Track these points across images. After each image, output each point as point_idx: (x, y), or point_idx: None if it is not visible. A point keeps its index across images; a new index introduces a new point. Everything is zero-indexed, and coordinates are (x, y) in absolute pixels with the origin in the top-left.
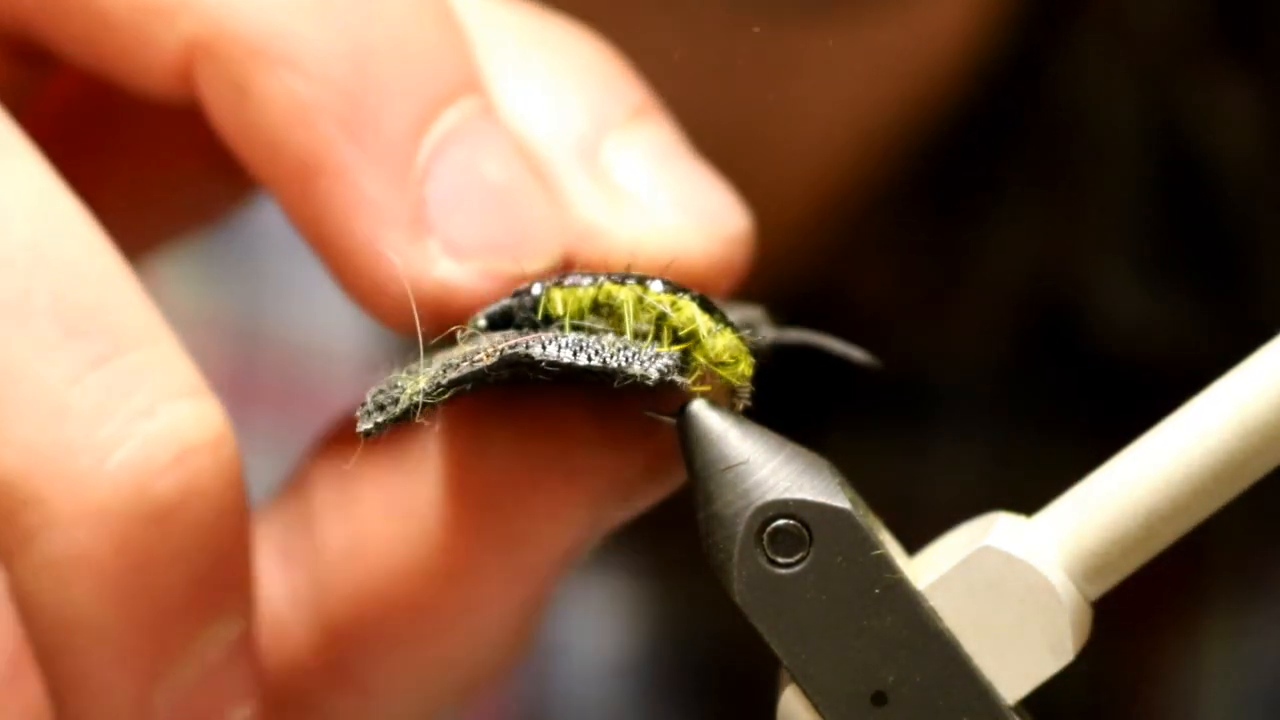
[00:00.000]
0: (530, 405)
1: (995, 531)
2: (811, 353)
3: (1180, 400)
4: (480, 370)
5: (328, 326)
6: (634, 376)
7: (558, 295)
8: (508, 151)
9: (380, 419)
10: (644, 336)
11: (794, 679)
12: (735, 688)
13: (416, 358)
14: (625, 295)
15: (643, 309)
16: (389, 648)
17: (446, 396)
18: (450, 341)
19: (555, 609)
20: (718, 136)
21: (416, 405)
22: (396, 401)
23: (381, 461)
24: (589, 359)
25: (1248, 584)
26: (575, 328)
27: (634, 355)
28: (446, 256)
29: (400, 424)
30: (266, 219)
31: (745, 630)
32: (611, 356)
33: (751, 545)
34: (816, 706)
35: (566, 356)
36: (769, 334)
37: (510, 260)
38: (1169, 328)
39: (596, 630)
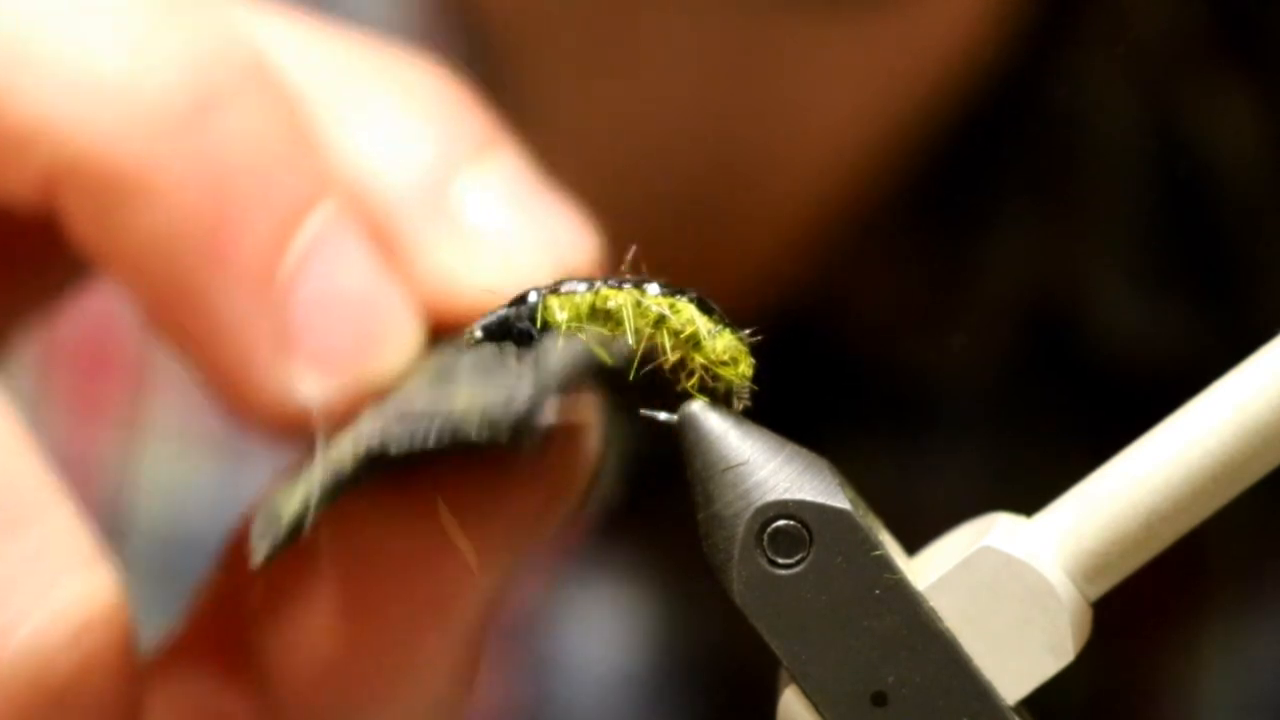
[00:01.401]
0: (416, 478)
1: (995, 532)
2: (810, 363)
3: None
4: (344, 473)
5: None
6: (476, 442)
7: (554, 302)
8: (362, 257)
9: (267, 548)
10: (641, 337)
11: (794, 679)
12: (735, 695)
13: (288, 475)
14: (623, 299)
15: (641, 312)
16: None
17: (317, 506)
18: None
19: (555, 617)
20: (716, 144)
21: (298, 524)
22: (279, 526)
23: (291, 579)
24: (426, 439)
25: (1247, 585)
26: (435, 382)
27: (485, 417)
28: (311, 374)
29: (288, 545)
30: None
31: (744, 637)
32: (460, 426)
33: (751, 546)
34: (816, 706)
35: (409, 441)
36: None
37: (372, 366)
38: (1167, 337)
39: (595, 638)
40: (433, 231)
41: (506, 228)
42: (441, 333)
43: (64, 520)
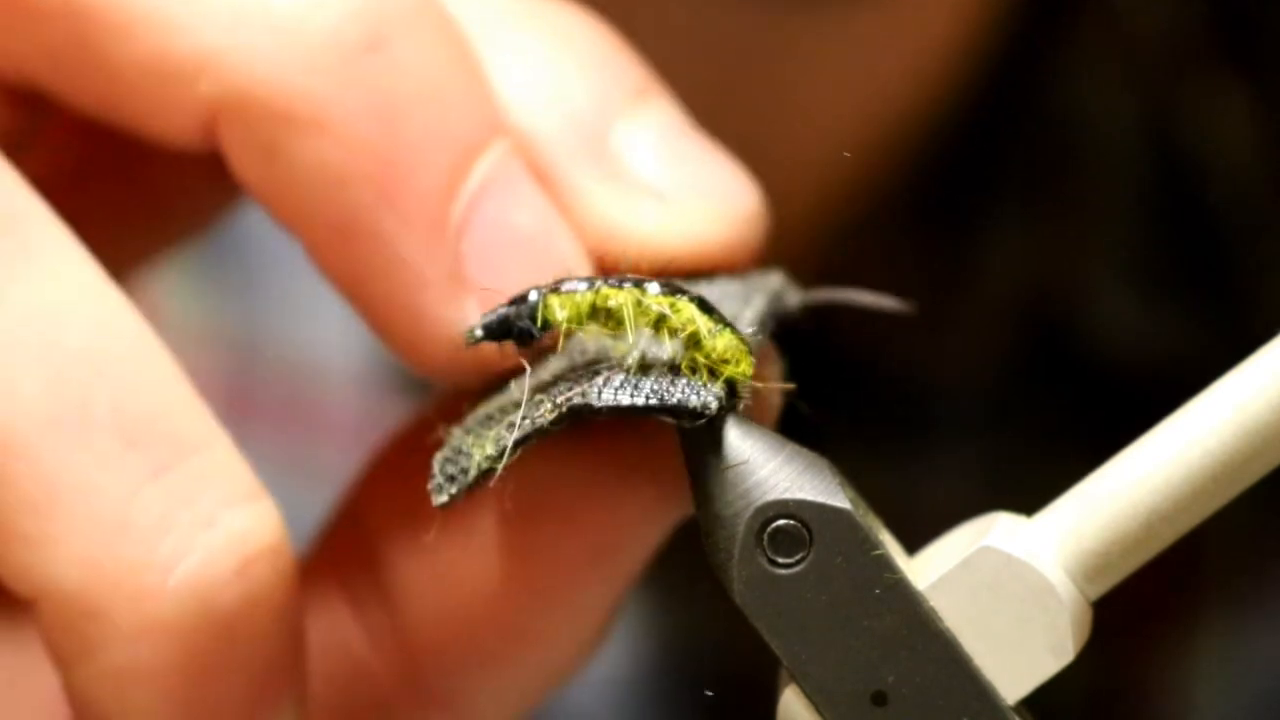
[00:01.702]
0: (589, 430)
1: (995, 531)
2: (809, 364)
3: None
4: (543, 426)
5: (326, 340)
6: (694, 410)
7: (555, 301)
8: (536, 197)
9: (454, 490)
10: (650, 336)
11: (794, 679)
12: (736, 700)
13: (470, 414)
14: (623, 299)
15: (641, 312)
16: (478, 668)
17: (514, 456)
18: (501, 389)
19: None
20: (719, 139)
21: (488, 471)
22: (466, 471)
23: (452, 512)
24: (646, 400)
25: (1246, 585)
26: (596, 355)
27: (687, 389)
28: (484, 313)
29: (474, 490)
30: (264, 233)
31: (745, 641)
32: (668, 393)
33: (751, 545)
34: (816, 706)
35: (625, 400)
36: (795, 298)
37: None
38: (1165, 338)
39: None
40: (592, 178)
41: (665, 177)
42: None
43: (224, 452)
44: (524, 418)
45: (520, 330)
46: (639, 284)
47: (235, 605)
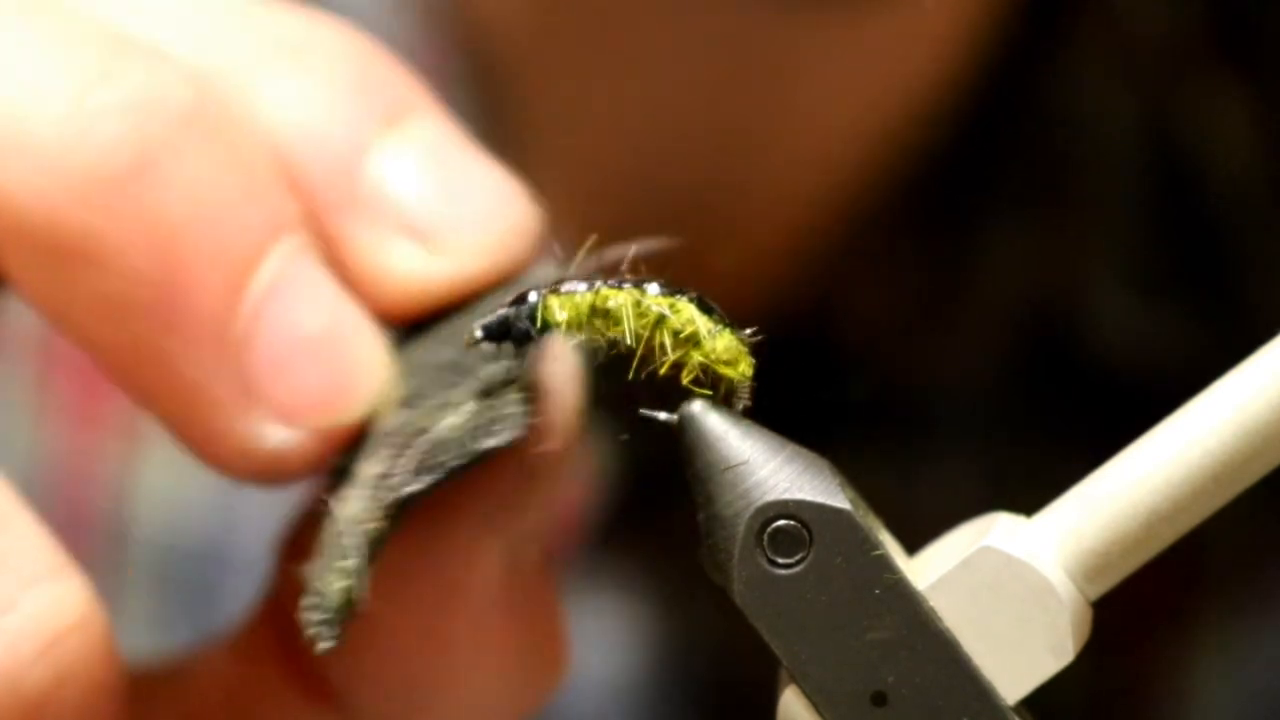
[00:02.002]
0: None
1: (995, 531)
2: (807, 371)
3: None
4: (383, 532)
5: None
6: (498, 449)
7: (554, 302)
8: (324, 292)
9: (334, 632)
10: (640, 340)
11: (794, 679)
12: (734, 706)
13: (313, 548)
14: (623, 299)
15: (641, 312)
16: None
17: (366, 573)
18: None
19: None
20: (711, 145)
21: (352, 601)
22: (333, 609)
23: None
24: (457, 461)
25: (1247, 585)
26: (408, 405)
27: (491, 427)
28: (278, 424)
29: (349, 620)
30: None
31: (745, 642)
32: (469, 448)
33: (751, 545)
34: (816, 706)
35: (437, 475)
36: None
37: (343, 410)
38: (1165, 342)
39: (595, 648)
40: (352, 223)
41: (427, 202)
42: (400, 322)
43: (20, 531)
44: (354, 532)
45: (520, 330)
46: (639, 284)
47: (43, 685)
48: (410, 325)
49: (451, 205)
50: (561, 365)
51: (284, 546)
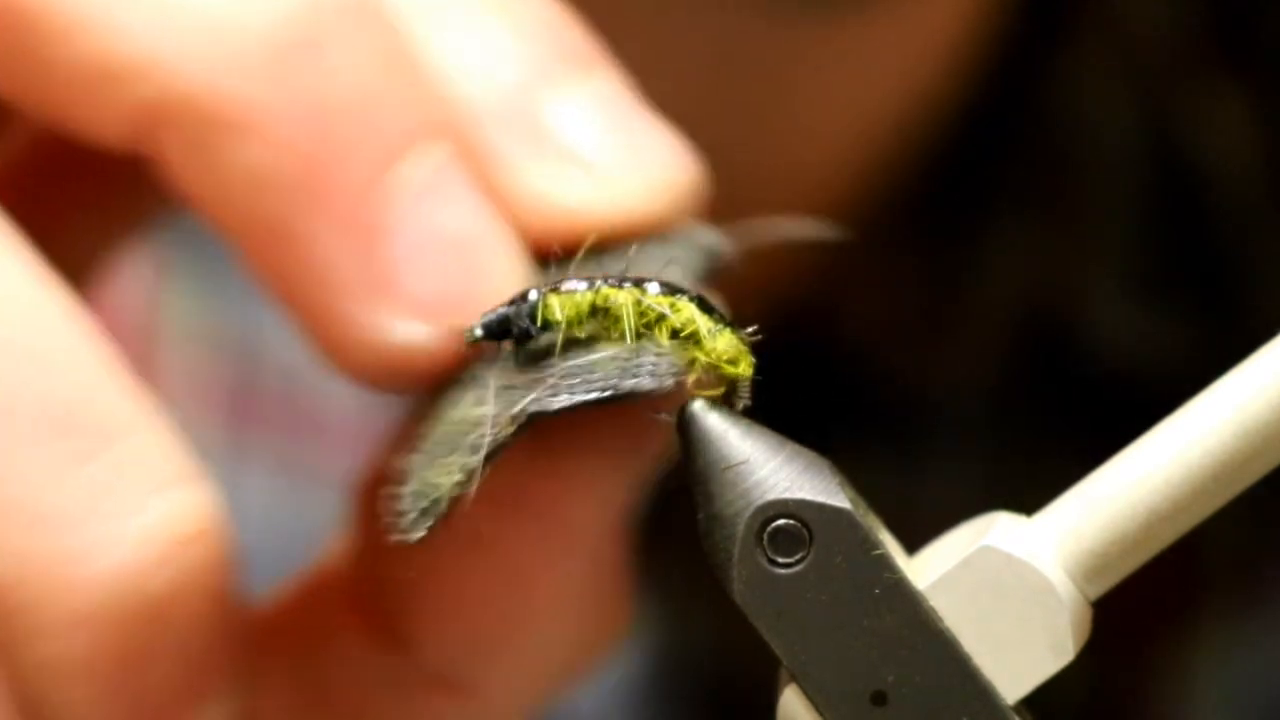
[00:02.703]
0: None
1: (995, 531)
2: (807, 371)
3: None
4: (505, 441)
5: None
6: (650, 392)
7: (554, 301)
8: (471, 200)
9: (429, 523)
10: (639, 337)
11: (794, 679)
12: (734, 705)
13: (419, 436)
14: (623, 299)
15: (641, 311)
16: (483, 660)
17: (483, 476)
18: (450, 400)
19: None
20: (707, 149)
21: (457, 495)
22: (439, 502)
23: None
24: (601, 392)
25: (1246, 585)
26: (567, 345)
27: (641, 371)
28: (409, 319)
29: (449, 517)
30: None
31: (745, 641)
32: (619, 377)
33: (751, 545)
34: (816, 706)
35: (580, 396)
36: (723, 244)
37: (475, 315)
38: (1165, 340)
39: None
40: (523, 152)
41: (601, 149)
42: (546, 256)
43: (153, 436)
44: (478, 431)
45: (520, 330)
46: (639, 284)
47: (165, 591)
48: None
49: (623, 150)
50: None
51: (367, 485)
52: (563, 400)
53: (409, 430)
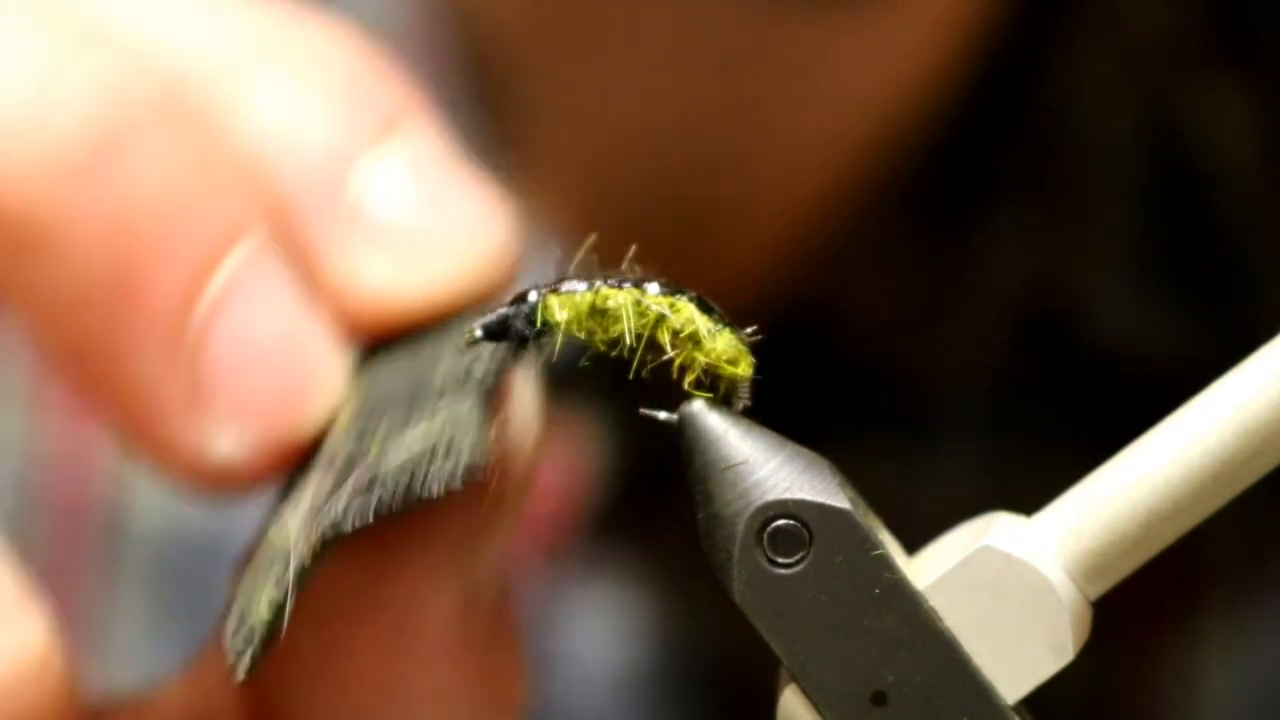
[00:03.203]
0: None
1: (995, 531)
2: (808, 365)
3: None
4: (305, 568)
5: None
6: (436, 497)
7: (554, 301)
8: (283, 297)
9: (249, 661)
10: (639, 339)
11: (794, 679)
12: (735, 698)
13: (240, 574)
14: (623, 299)
15: (640, 312)
16: None
17: (293, 602)
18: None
19: (554, 618)
20: (708, 142)
21: (273, 626)
22: (252, 637)
23: None
24: (391, 506)
25: (1247, 585)
26: (364, 422)
27: (439, 468)
28: (229, 430)
29: (270, 647)
30: None
31: (744, 640)
32: (413, 486)
33: (751, 545)
34: (816, 706)
35: (365, 514)
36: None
37: (295, 419)
38: (1165, 337)
39: (595, 639)
40: (331, 234)
41: (408, 217)
42: (370, 337)
43: None
44: (283, 562)
45: (519, 330)
46: (638, 284)
47: None
48: (375, 345)
49: (432, 221)
50: (522, 404)
51: (239, 570)
52: (350, 520)
53: (251, 542)
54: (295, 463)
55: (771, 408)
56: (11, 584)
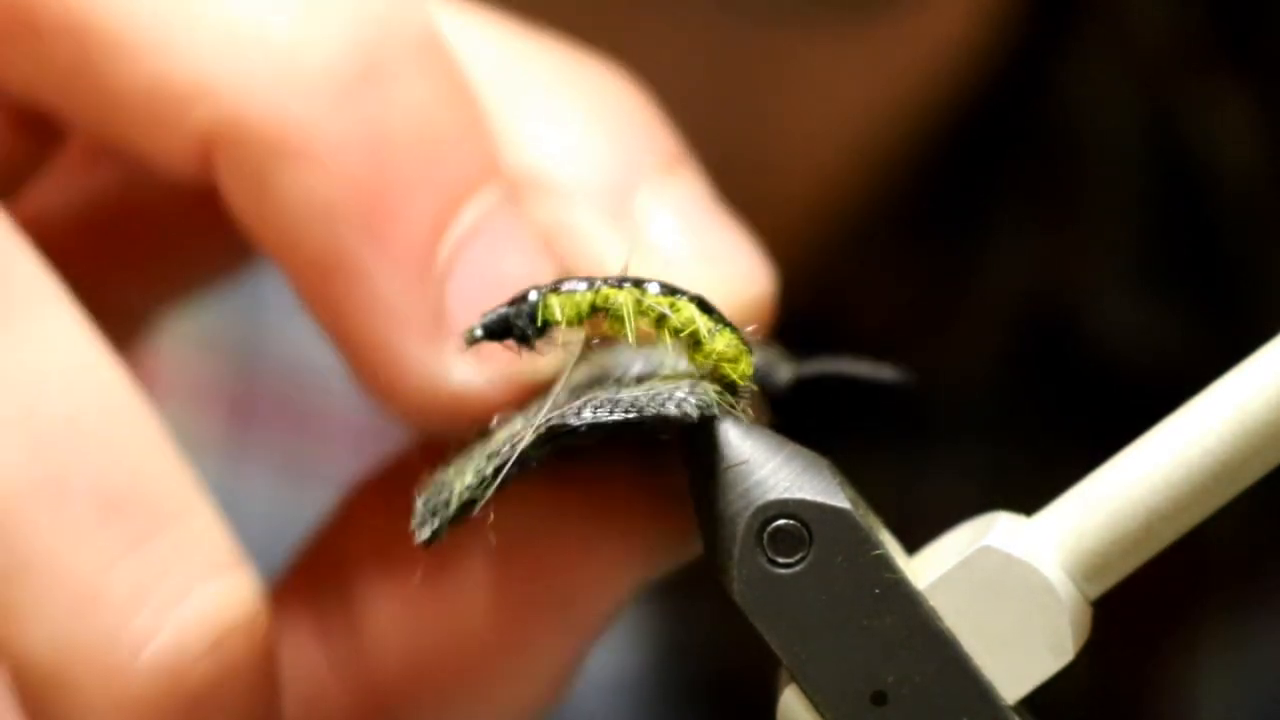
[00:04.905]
0: (572, 473)
1: (995, 531)
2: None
3: None
4: (524, 452)
5: (327, 345)
6: (674, 419)
7: (555, 301)
8: (529, 244)
9: (437, 525)
10: (652, 344)
11: (794, 679)
12: (734, 705)
13: (454, 455)
14: (623, 299)
15: (641, 311)
16: (437, 705)
17: (496, 486)
18: (486, 433)
19: None
20: (714, 149)
21: (470, 502)
22: (448, 503)
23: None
24: (625, 414)
25: (1247, 585)
26: (590, 384)
27: (667, 399)
28: (466, 361)
29: (457, 524)
30: None
31: (744, 643)
32: (646, 406)
33: (751, 545)
34: (816, 706)
35: (604, 417)
36: (787, 372)
37: (530, 359)
38: (1165, 339)
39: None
40: (609, 235)
41: (681, 248)
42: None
43: (203, 522)
44: (504, 444)
45: (519, 330)
46: (639, 284)
47: (207, 681)
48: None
49: (703, 254)
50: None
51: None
52: (585, 418)
53: (435, 446)
54: (520, 403)
55: (772, 408)
56: (227, 539)
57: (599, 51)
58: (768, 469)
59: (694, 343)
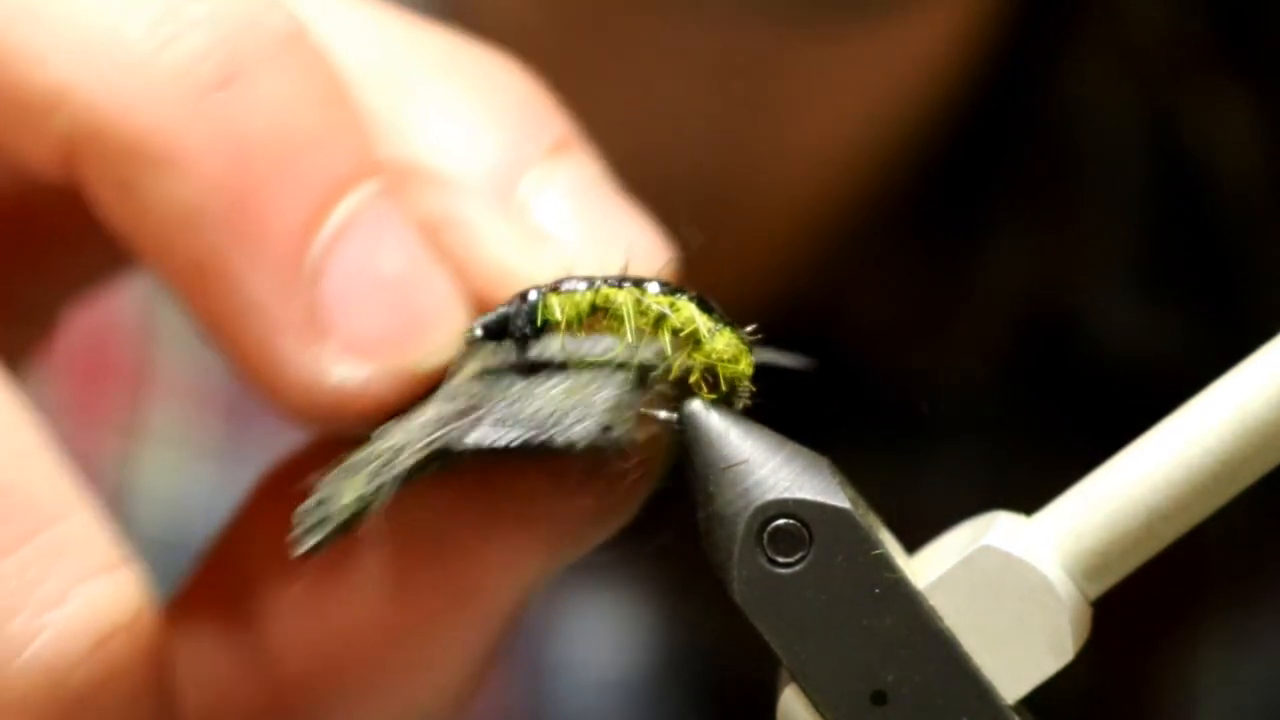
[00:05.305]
0: (472, 468)
1: (995, 530)
2: (805, 374)
3: None
4: (408, 469)
5: None
6: (564, 447)
7: (554, 301)
8: (407, 238)
9: (317, 539)
10: (642, 336)
11: (794, 678)
12: (734, 705)
13: (341, 460)
14: (623, 298)
15: (641, 311)
16: (343, 700)
17: (379, 501)
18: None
19: (553, 620)
20: (712, 152)
21: (354, 516)
22: (329, 519)
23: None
24: (510, 443)
25: (1247, 585)
26: (504, 370)
27: (566, 422)
28: (344, 359)
29: (343, 535)
30: None
31: (744, 641)
32: (537, 431)
33: (751, 545)
34: (816, 706)
35: (492, 441)
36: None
37: (412, 354)
38: (1165, 339)
39: (594, 644)
40: (495, 223)
41: (572, 231)
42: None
43: (82, 523)
44: (387, 459)
45: (519, 329)
46: (639, 283)
47: (90, 682)
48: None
49: (594, 241)
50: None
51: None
52: (473, 440)
53: (335, 450)
54: (407, 400)
55: (772, 410)
56: (109, 538)
57: (601, 55)
58: (767, 468)
59: (694, 342)
